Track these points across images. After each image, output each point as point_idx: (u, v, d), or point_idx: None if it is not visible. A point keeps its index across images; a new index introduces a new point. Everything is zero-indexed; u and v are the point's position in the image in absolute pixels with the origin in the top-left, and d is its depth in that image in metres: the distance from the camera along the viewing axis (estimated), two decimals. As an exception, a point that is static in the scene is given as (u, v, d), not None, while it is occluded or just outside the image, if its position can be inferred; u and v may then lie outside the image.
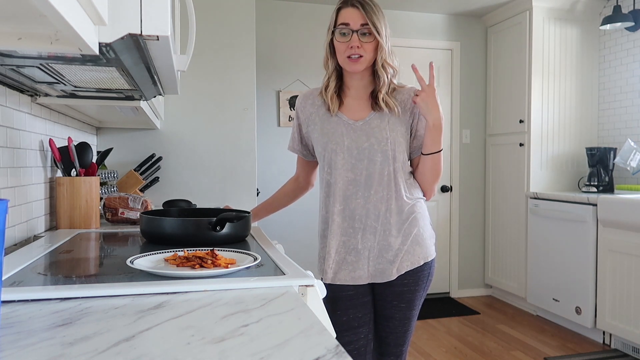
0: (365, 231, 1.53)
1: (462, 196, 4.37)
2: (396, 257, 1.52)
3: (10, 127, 1.43)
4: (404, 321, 1.56)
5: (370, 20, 1.47)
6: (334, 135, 1.55)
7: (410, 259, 1.52)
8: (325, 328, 0.72)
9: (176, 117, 2.84)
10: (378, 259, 1.53)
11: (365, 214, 1.52)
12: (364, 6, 1.48)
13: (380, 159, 1.51)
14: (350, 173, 1.53)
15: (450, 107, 4.33)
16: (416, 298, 1.56)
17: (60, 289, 0.89)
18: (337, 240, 1.55)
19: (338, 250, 1.55)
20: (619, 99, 3.77)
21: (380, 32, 1.48)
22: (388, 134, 1.51)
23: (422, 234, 1.55)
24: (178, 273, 0.98)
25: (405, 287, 1.54)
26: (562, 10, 3.85)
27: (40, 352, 0.63)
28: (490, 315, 3.87)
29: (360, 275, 1.54)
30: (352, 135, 1.54)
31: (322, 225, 1.62)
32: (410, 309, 1.56)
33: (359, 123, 1.54)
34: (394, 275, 1.52)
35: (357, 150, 1.52)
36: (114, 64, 1.07)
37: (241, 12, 2.91)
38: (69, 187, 1.75)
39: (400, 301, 1.54)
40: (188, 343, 0.66)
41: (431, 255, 1.57)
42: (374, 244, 1.53)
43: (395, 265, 1.52)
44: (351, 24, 1.48)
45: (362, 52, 1.48)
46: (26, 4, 0.62)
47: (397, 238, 1.52)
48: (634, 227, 2.90)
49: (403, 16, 4.13)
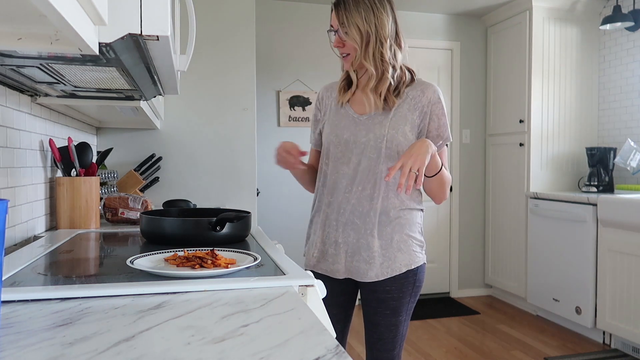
0: (346, 226, 1.52)
1: (462, 196, 4.37)
2: (373, 259, 1.49)
3: (10, 127, 1.43)
4: (390, 327, 1.53)
5: (340, 22, 1.48)
6: (337, 127, 1.56)
7: (390, 265, 1.49)
8: (325, 328, 0.72)
9: (176, 117, 2.84)
10: (355, 256, 1.51)
11: (350, 209, 1.51)
12: (339, 6, 1.49)
13: (373, 156, 1.49)
14: (345, 166, 1.53)
15: (450, 107, 4.33)
16: (401, 305, 1.52)
17: (60, 289, 0.89)
18: (321, 230, 1.57)
19: (323, 240, 1.57)
20: (619, 99, 3.77)
21: (349, 32, 1.46)
22: (386, 131, 1.48)
23: (405, 241, 1.51)
24: (178, 273, 0.98)
25: (389, 293, 1.51)
26: (562, 10, 3.85)
27: (40, 352, 0.63)
28: (490, 315, 3.87)
29: (338, 269, 1.54)
30: (353, 129, 1.53)
31: (313, 212, 1.65)
32: (395, 315, 1.52)
33: (363, 117, 1.53)
34: (370, 277, 1.50)
35: (354, 144, 1.52)
36: (114, 64, 1.07)
37: (241, 12, 2.91)
38: (69, 187, 1.75)
39: (385, 308, 1.52)
40: (188, 343, 0.66)
41: (416, 263, 1.52)
42: (353, 240, 1.51)
43: (374, 268, 1.49)
44: (333, 26, 1.52)
45: (347, 51, 1.50)
46: (26, 4, 0.62)
47: (378, 240, 1.50)
48: (634, 227, 2.90)
49: (403, 16, 4.12)
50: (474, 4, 4.01)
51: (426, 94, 1.52)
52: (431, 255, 4.32)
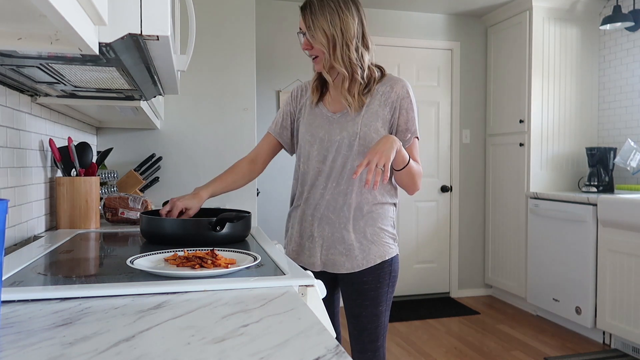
0: (322, 221, 1.58)
1: (462, 196, 4.37)
2: (349, 252, 1.56)
3: (10, 127, 1.43)
4: (371, 318, 1.59)
5: (306, 26, 1.52)
6: (311, 126, 1.61)
7: (365, 257, 1.56)
8: (325, 328, 0.72)
9: (176, 117, 2.84)
10: (330, 250, 1.58)
11: (325, 205, 1.58)
12: (305, 9, 1.53)
13: (347, 153, 1.55)
14: (321, 164, 1.58)
15: (450, 107, 4.33)
16: (380, 295, 1.58)
17: (60, 289, 0.89)
18: (298, 225, 1.64)
19: (300, 234, 1.64)
20: (619, 99, 3.77)
21: (315, 36, 1.50)
22: (359, 129, 1.53)
23: (378, 234, 1.57)
24: (178, 273, 0.98)
25: (366, 284, 1.57)
26: (562, 10, 3.85)
27: (40, 352, 0.63)
28: (490, 315, 3.87)
29: (314, 262, 1.60)
30: (327, 127, 1.58)
31: (291, 207, 1.71)
32: (375, 306, 1.58)
33: (336, 115, 1.58)
34: (347, 269, 1.56)
35: (329, 142, 1.57)
36: (114, 64, 1.07)
37: (241, 12, 2.91)
38: (69, 187, 1.75)
39: (364, 299, 1.57)
40: (188, 343, 0.66)
41: (390, 255, 1.58)
42: (328, 234, 1.58)
43: (350, 260, 1.56)
44: (302, 28, 1.55)
45: (315, 53, 1.54)
46: (26, 4, 0.62)
47: (352, 233, 1.56)
48: (634, 227, 2.90)
49: (403, 16, 4.13)
50: (474, 4, 4.01)
51: (395, 89, 1.56)
52: (431, 255, 4.32)
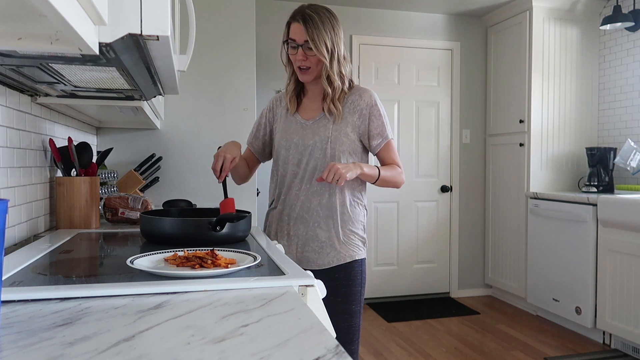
0: (297, 220, 1.70)
1: (462, 196, 4.37)
2: (322, 249, 1.67)
3: (10, 127, 1.43)
4: (344, 316, 1.64)
5: (310, 38, 1.59)
6: (287, 133, 1.73)
7: (336, 256, 1.67)
8: (325, 328, 0.73)
9: (176, 117, 2.84)
10: (305, 247, 1.69)
11: (300, 205, 1.69)
12: (307, 22, 1.60)
13: (320, 156, 1.66)
14: (296, 167, 1.70)
15: (450, 107, 4.33)
16: (353, 293, 1.66)
17: (60, 289, 0.88)
18: (275, 224, 1.76)
19: (276, 233, 1.75)
20: (619, 99, 3.77)
21: (319, 48, 1.58)
22: (330, 133, 1.66)
23: (348, 235, 1.69)
24: (178, 273, 0.98)
25: (337, 281, 1.65)
26: (562, 10, 3.85)
27: (40, 352, 0.63)
28: (490, 315, 3.87)
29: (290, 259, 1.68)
30: (301, 132, 1.70)
31: (268, 208, 1.83)
32: (347, 303, 1.65)
33: (309, 122, 1.71)
34: (319, 265, 1.66)
35: (303, 146, 1.68)
36: (114, 64, 1.07)
37: (241, 12, 2.91)
38: (69, 187, 1.75)
39: (336, 296, 1.64)
40: (188, 343, 0.66)
41: (359, 256, 1.69)
42: (302, 232, 1.69)
43: (322, 257, 1.67)
44: (297, 39, 1.63)
45: (309, 64, 1.63)
46: (26, 4, 0.62)
47: (325, 232, 1.67)
48: (634, 227, 2.90)
49: (403, 16, 4.13)
50: (474, 4, 4.01)
51: (364, 98, 1.69)
52: (431, 255, 4.32)
